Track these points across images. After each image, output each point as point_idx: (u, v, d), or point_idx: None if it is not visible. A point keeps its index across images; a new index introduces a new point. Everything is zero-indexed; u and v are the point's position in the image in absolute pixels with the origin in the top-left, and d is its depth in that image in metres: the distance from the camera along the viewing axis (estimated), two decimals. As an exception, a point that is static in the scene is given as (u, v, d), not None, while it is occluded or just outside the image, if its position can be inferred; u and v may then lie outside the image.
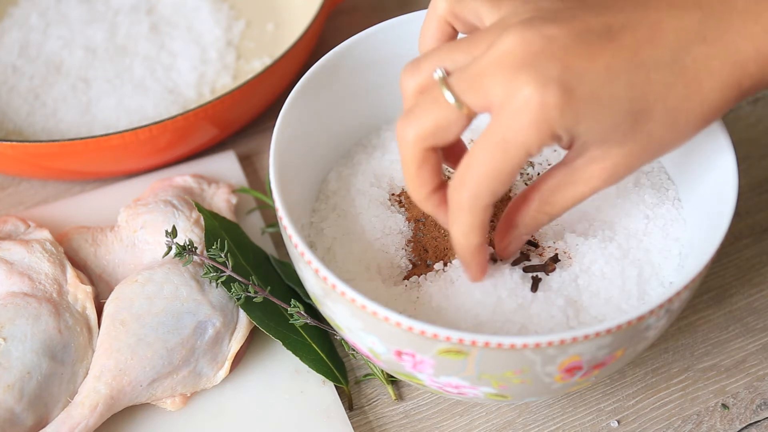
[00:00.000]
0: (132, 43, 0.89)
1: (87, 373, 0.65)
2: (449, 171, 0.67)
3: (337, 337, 0.69)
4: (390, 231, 0.65)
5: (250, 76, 0.83)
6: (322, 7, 0.83)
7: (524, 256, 0.63)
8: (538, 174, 0.66)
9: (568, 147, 0.53)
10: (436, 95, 0.51)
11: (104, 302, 0.67)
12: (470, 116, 0.51)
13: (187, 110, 0.75)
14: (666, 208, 0.64)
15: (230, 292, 0.66)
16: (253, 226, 0.77)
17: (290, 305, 0.66)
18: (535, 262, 0.63)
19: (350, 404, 0.67)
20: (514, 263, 0.62)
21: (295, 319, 0.66)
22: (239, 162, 0.82)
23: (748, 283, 0.73)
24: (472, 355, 0.53)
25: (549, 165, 0.67)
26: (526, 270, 0.62)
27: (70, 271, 0.68)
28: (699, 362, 0.69)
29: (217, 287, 0.67)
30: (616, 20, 0.50)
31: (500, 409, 0.67)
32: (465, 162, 0.51)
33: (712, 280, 0.73)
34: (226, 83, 0.87)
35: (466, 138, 0.70)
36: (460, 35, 0.58)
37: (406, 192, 0.67)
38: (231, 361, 0.66)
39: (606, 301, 0.61)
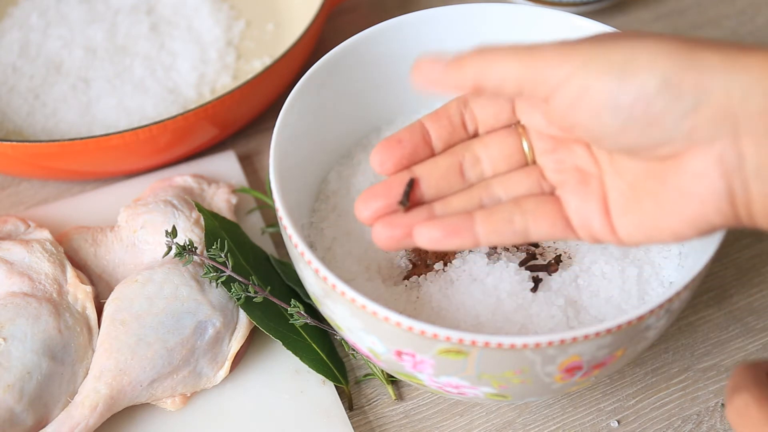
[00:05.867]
0: (132, 43, 0.89)
1: (87, 373, 0.65)
2: None
3: (337, 337, 0.69)
4: (390, 231, 0.65)
5: (250, 76, 0.82)
6: (322, 7, 0.83)
7: (530, 256, 0.63)
8: None
9: None
10: None
11: (104, 302, 0.67)
12: None
13: (187, 110, 0.75)
14: (666, 208, 0.64)
15: (230, 292, 0.66)
16: (253, 226, 0.77)
17: (290, 305, 0.66)
18: (538, 261, 0.63)
19: (350, 404, 0.67)
20: (519, 263, 0.62)
21: (295, 319, 0.66)
22: (239, 162, 0.82)
23: (748, 283, 0.73)
24: (472, 355, 0.53)
25: None
26: (529, 269, 0.62)
27: (70, 271, 0.68)
28: (699, 362, 0.69)
29: (217, 287, 0.67)
30: None
31: (500, 409, 0.67)
32: None
33: (712, 280, 0.73)
34: (226, 83, 0.87)
35: None
36: None
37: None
38: (231, 361, 0.66)
39: (606, 301, 0.61)
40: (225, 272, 0.66)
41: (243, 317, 0.67)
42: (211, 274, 0.66)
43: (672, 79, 0.46)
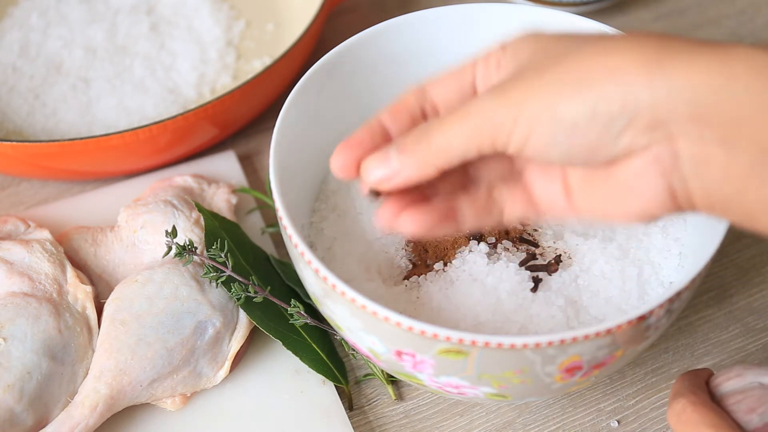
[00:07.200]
0: (132, 43, 0.89)
1: (87, 373, 0.65)
2: None
3: (337, 337, 0.69)
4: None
5: (250, 76, 0.82)
6: (322, 7, 0.83)
7: (531, 256, 0.63)
8: None
9: None
10: None
11: (104, 302, 0.67)
12: None
13: (187, 110, 0.75)
14: (666, 208, 0.64)
15: (230, 292, 0.66)
16: (253, 226, 0.77)
17: (290, 305, 0.66)
18: (538, 261, 0.63)
19: (350, 404, 0.67)
20: (519, 263, 0.62)
21: (295, 319, 0.67)
22: (239, 162, 0.82)
23: (748, 283, 0.73)
24: (472, 355, 0.53)
25: None
26: (529, 269, 0.62)
27: (70, 271, 0.68)
28: (699, 362, 0.69)
29: (217, 287, 0.67)
30: None
31: (500, 409, 0.67)
32: None
33: (712, 280, 0.73)
34: (226, 83, 0.87)
35: None
36: None
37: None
38: (231, 361, 0.66)
39: (606, 301, 0.61)
40: (225, 272, 0.66)
41: (243, 317, 0.67)
42: (211, 274, 0.66)
43: (599, 108, 0.47)
